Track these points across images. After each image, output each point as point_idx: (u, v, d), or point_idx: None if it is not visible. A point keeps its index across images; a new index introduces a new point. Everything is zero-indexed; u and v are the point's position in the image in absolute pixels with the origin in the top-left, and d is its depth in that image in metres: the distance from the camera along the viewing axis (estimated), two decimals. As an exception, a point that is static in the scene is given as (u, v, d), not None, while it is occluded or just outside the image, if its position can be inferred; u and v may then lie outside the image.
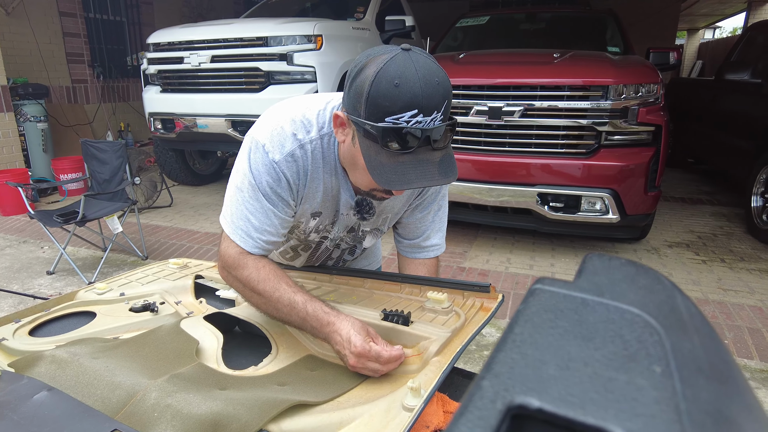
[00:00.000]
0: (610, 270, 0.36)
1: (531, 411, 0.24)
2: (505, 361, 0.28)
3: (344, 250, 1.30)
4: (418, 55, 0.86)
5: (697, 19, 15.10)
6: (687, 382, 0.26)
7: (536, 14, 5.01)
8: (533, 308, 0.32)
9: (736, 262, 3.53)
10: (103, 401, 0.74)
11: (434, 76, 0.85)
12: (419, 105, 0.83)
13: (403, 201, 1.18)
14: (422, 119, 0.84)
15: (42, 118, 5.57)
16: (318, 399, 0.79)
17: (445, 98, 0.86)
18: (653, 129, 3.22)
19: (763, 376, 2.31)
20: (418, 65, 0.84)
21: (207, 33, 4.41)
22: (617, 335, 0.29)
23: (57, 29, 6.50)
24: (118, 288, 1.25)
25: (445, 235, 1.28)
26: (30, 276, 3.45)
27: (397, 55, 0.85)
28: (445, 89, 0.86)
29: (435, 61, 0.87)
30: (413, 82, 0.83)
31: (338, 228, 1.19)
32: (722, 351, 0.34)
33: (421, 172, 0.88)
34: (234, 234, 1.03)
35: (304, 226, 1.15)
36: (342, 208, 1.12)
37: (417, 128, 0.85)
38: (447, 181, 0.91)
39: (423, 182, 0.89)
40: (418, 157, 0.88)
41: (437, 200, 1.22)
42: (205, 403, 0.73)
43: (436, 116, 0.85)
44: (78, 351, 0.88)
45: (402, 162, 0.88)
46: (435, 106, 0.84)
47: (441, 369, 0.80)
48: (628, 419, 0.23)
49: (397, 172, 0.87)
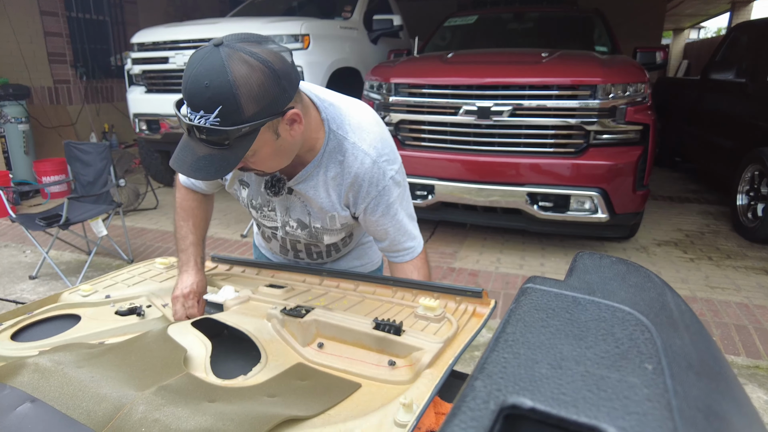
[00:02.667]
0: (600, 268, 0.35)
1: (524, 411, 0.24)
2: (497, 361, 0.27)
3: (310, 249, 1.35)
4: (217, 54, 0.85)
5: (683, 19, 15.30)
6: (678, 379, 0.26)
7: (524, 14, 5.03)
8: (525, 307, 0.31)
9: (723, 259, 3.58)
10: (88, 414, 0.72)
11: (207, 78, 0.84)
12: (187, 98, 0.88)
13: (333, 195, 1.14)
14: (190, 113, 0.88)
15: (23, 119, 5.48)
16: (308, 413, 0.77)
17: (213, 102, 0.85)
18: (641, 128, 3.25)
19: (750, 373, 2.34)
20: (204, 62, 0.85)
21: (192, 33, 4.37)
22: (609, 333, 0.29)
23: (38, 28, 6.38)
24: (103, 290, 1.22)
25: (417, 235, 1.25)
26: (12, 281, 3.39)
27: (203, 48, 0.88)
28: (213, 94, 0.85)
29: (230, 63, 0.85)
30: (187, 76, 0.87)
31: (279, 212, 1.22)
32: (712, 347, 0.34)
33: (181, 156, 0.94)
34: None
35: (239, 195, 1.26)
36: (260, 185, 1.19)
37: (184, 116, 0.90)
38: (192, 175, 0.94)
39: (176, 164, 0.95)
40: (188, 143, 0.94)
41: (385, 203, 1.14)
42: (194, 418, 0.71)
43: (206, 115, 0.86)
44: (62, 359, 0.85)
45: (182, 142, 0.95)
46: (199, 106, 0.86)
47: (433, 383, 0.79)
48: (620, 417, 0.23)
49: (178, 150, 0.96)
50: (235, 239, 4.02)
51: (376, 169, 1.11)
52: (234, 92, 0.85)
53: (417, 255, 1.25)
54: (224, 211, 4.73)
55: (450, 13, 5.22)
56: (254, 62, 0.86)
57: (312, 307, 1.03)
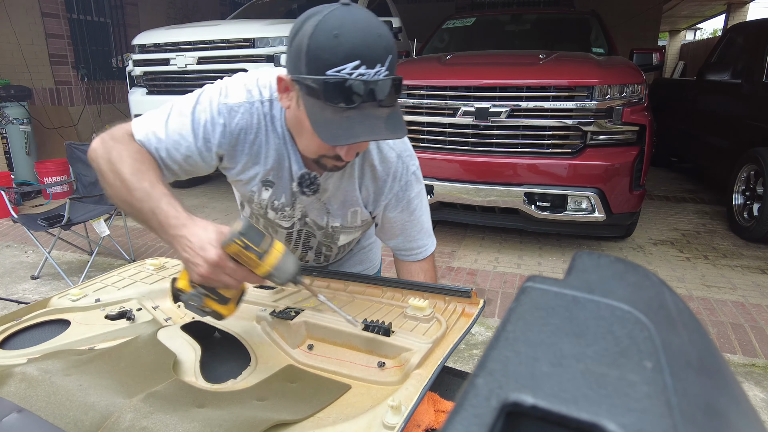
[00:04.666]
0: (599, 267, 0.36)
1: (525, 408, 0.24)
2: (498, 358, 0.28)
3: (321, 250, 1.27)
4: (358, 9, 0.82)
5: (679, 20, 15.36)
6: (677, 376, 0.26)
7: (522, 16, 5.05)
8: (525, 306, 0.32)
9: (719, 258, 3.59)
10: (75, 424, 0.71)
11: (375, 28, 0.81)
12: (361, 55, 0.79)
13: (359, 189, 1.11)
14: (365, 71, 0.79)
15: (25, 120, 5.48)
16: (298, 416, 0.77)
17: (388, 52, 0.82)
18: (637, 129, 3.26)
19: (746, 371, 2.35)
20: (357, 17, 0.81)
21: (193, 34, 4.38)
22: (608, 332, 0.29)
23: (39, 30, 6.38)
24: (93, 293, 1.19)
25: (432, 234, 1.24)
26: (14, 281, 3.38)
27: (335, 9, 0.81)
28: (387, 42, 0.82)
29: (376, 17, 0.84)
30: (353, 32, 0.79)
31: (300, 212, 1.14)
32: (710, 345, 0.34)
33: (368, 126, 0.83)
34: (139, 122, 0.99)
35: (258, 198, 1.11)
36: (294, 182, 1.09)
37: (360, 80, 0.80)
38: (395, 135, 0.86)
39: (370, 136, 0.83)
40: (364, 112, 0.83)
41: (407, 198, 1.13)
42: (182, 425, 0.71)
43: (380, 69, 0.81)
44: (50, 367, 0.84)
45: (348, 117, 0.82)
46: (377, 58, 0.80)
47: (422, 383, 0.79)
48: (620, 414, 0.23)
49: (343, 127, 0.82)
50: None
51: (401, 163, 1.10)
52: (393, 41, 0.84)
53: (427, 255, 1.23)
54: (224, 211, 4.73)
55: (448, 15, 5.23)
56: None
57: (301, 309, 1.02)
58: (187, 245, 0.82)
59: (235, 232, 0.81)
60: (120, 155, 0.92)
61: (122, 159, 0.91)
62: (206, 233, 0.82)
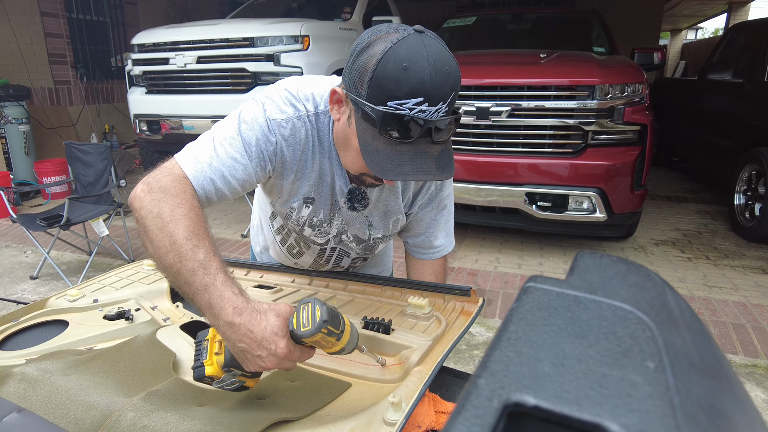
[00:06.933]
0: (601, 267, 0.36)
1: (527, 408, 0.24)
2: (500, 359, 0.28)
3: (355, 260, 1.25)
4: (431, 40, 0.80)
5: (680, 20, 15.33)
6: (680, 377, 0.26)
7: (522, 15, 5.04)
8: (527, 306, 0.32)
9: (721, 259, 3.59)
10: (76, 423, 0.71)
11: (446, 63, 0.79)
12: (426, 93, 0.77)
13: (402, 197, 1.11)
14: (426, 108, 0.78)
15: (24, 120, 5.48)
16: (298, 414, 0.77)
17: (453, 89, 0.80)
18: (639, 128, 3.26)
19: (748, 371, 2.35)
20: (430, 50, 0.78)
21: (193, 34, 4.37)
22: (610, 332, 0.29)
23: (38, 29, 6.38)
24: (91, 294, 1.19)
25: (452, 234, 1.25)
26: (12, 281, 3.39)
27: (408, 36, 0.78)
28: (454, 79, 0.80)
29: (447, 49, 0.82)
30: (423, 67, 0.76)
31: (336, 228, 1.12)
32: (712, 346, 0.34)
33: (418, 164, 0.82)
34: (185, 158, 0.89)
35: (297, 215, 1.07)
36: (338, 197, 1.05)
37: (420, 117, 0.79)
38: (444, 177, 0.86)
39: (419, 175, 0.83)
40: (416, 148, 0.82)
41: (439, 198, 1.15)
42: (183, 423, 0.71)
43: (441, 107, 0.80)
44: (49, 367, 0.84)
45: (399, 151, 0.82)
46: (442, 97, 0.79)
47: (422, 381, 0.79)
48: (623, 415, 0.23)
49: (393, 161, 0.81)
50: (236, 239, 4.02)
51: None
52: (459, 75, 0.82)
53: (442, 256, 1.24)
54: (224, 211, 4.73)
55: (449, 14, 5.22)
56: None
57: None
58: (248, 336, 0.73)
59: (319, 321, 0.73)
60: (173, 214, 0.80)
61: (176, 219, 0.80)
62: (268, 322, 0.74)
